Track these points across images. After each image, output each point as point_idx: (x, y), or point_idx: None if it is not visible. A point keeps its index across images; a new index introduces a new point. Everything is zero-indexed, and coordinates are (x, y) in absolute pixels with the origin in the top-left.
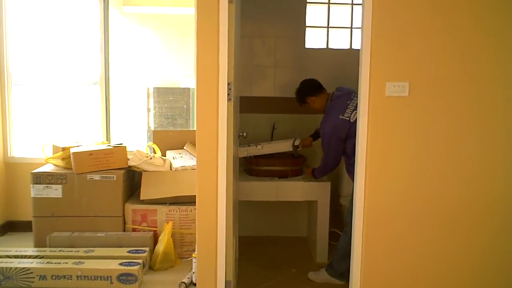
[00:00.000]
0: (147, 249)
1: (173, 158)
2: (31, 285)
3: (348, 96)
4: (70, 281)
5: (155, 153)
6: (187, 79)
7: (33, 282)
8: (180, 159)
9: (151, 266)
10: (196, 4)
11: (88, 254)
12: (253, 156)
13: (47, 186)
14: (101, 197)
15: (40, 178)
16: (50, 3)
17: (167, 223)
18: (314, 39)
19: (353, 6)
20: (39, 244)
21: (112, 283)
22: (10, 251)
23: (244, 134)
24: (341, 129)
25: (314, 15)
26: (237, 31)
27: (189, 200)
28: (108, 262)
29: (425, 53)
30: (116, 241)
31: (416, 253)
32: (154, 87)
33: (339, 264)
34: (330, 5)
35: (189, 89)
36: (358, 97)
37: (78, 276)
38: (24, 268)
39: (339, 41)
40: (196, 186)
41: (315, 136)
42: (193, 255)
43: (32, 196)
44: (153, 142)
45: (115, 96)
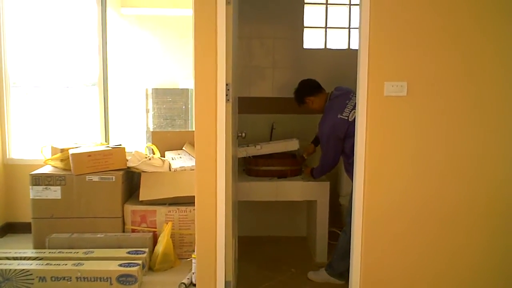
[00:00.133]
0: (147, 250)
1: (172, 159)
2: (31, 287)
3: (347, 96)
4: (70, 283)
5: (154, 154)
6: (186, 80)
7: (33, 284)
8: (179, 160)
9: (151, 267)
10: (194, 6)
11: (88, 255)
12: (252, 156)
13: (46, 188)
14: (100, 198)
15: (39, 180)
16: (48, 5)
17: (167, 224)
18: (312, 40)
19: (351, 7)
20: (39, 246)
21: (112, 284)
22: (10, 253)
23: (243, 135)
24: (340, 129)
25: (312, 16)
26: (235, 32)
27: (188, 201)
28: (108, 263)
29: (424, 53)
30: (116, 242)
31: (416, 253)
32: (153, 88)
33: (339, 264)
34: (328, 6)
35: (188, 90)
36: (357, 97)
37: (78, 278)
38: (24, 270)
39: (337, 42)
40: (195, 187)
41: (316, 142)
42: (193, 256)
43: (31, 198)
44: (152, 143)
45: (114, 97)
